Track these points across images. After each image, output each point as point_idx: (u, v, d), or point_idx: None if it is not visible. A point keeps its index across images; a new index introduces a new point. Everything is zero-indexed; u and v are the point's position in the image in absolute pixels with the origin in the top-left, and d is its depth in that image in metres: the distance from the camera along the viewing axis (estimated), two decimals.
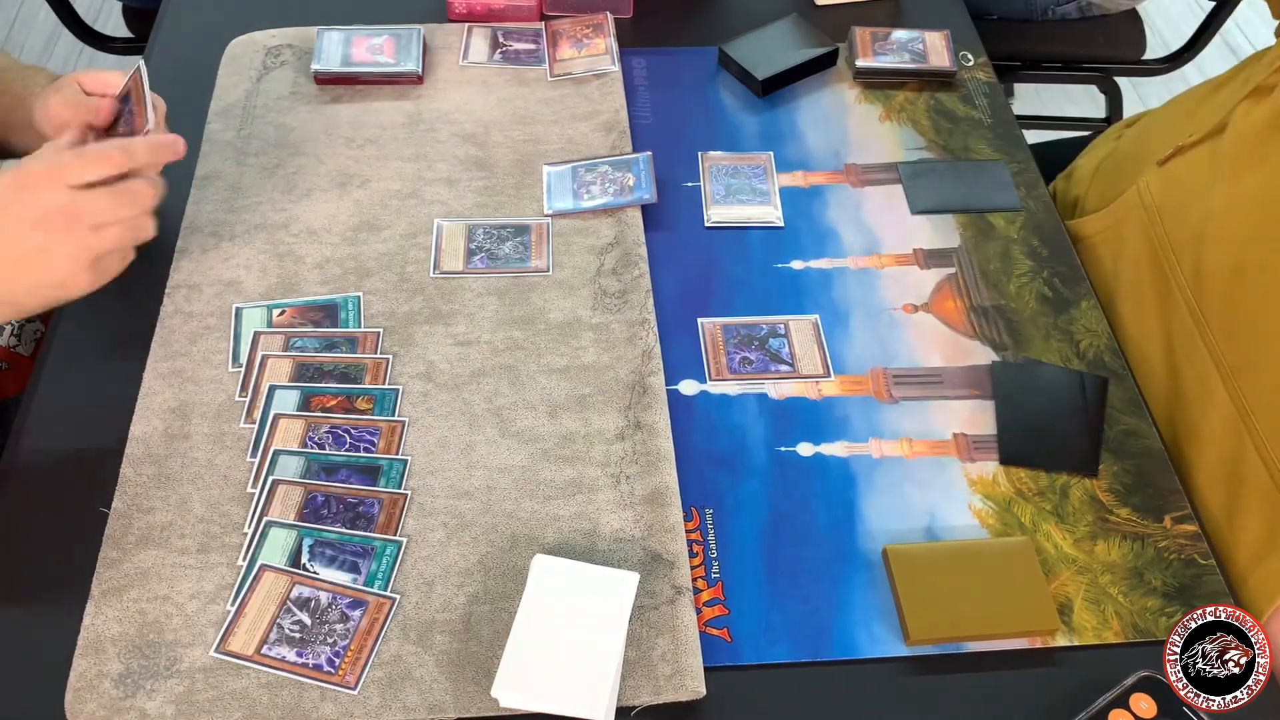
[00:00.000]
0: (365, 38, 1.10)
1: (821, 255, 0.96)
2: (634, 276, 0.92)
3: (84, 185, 0.74)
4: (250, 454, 0.79)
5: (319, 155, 1.01)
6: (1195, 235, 0.88)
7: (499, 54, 1.12)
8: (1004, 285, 0.94)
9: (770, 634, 0.73)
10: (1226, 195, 0.86)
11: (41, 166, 0.74)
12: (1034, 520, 0.79)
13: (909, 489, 0.81)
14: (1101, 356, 0.89)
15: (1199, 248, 0.87)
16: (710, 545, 0.77)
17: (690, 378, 0.87)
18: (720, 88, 1.12)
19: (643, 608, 0.72)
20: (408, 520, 0.76)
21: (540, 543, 0.76)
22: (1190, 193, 0.90)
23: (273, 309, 0.88)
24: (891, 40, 1.13)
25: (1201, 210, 0.88)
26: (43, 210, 0.72)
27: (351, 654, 0.70)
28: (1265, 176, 0.83)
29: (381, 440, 0.80)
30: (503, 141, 1.03)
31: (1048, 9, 1.61)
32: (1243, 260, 0.83)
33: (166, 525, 0.76)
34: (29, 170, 0.73)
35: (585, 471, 0.80)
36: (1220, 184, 0.87)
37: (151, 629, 0.71)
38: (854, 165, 1.04)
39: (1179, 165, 0.94)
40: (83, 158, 0.74)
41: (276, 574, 0.73)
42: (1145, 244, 0.94)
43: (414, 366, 0.85)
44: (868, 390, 0.87)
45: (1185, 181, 0.92)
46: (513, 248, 0.94)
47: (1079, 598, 0.75)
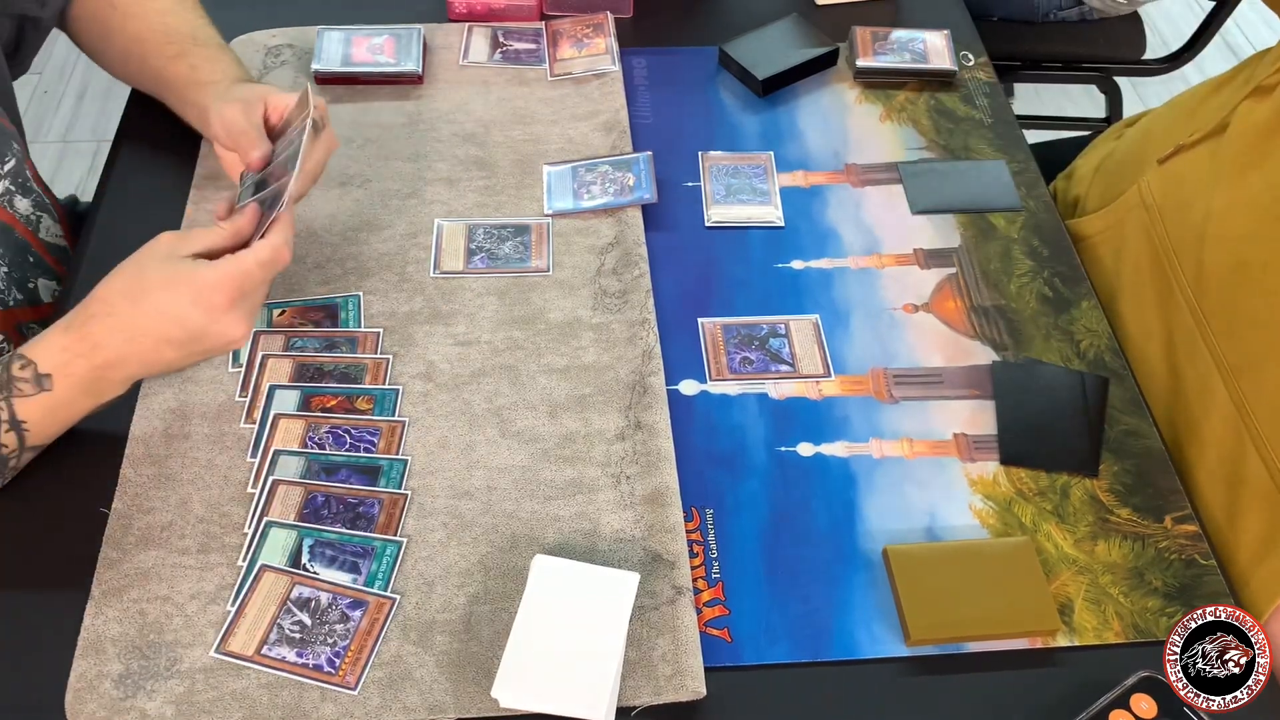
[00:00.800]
0: (365, 37, 1.10)
1: (822, 255, 0.96)
2: (634, 276, 0.92)
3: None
4: (250, 454, 0.79)
5: None
6: (1196, 235, 0.88)
7: (499, 54, 1.12)
8: (1004, 285, 0.94)
9: (770, 634, 0.73)
10: (1227, 194, 0.86)
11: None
12: (1034, 520, 0.79)
13: (909, 489, 0.81)
14: (1102, 356, 0.89)
15: (1200, 247, 0.87)
16: (710, 545, 0.77)
17: (690, 378, 0.87)
18: (720, 88, 1.12)
19: (643, 608, 0.72)
20: (408, 520, 0.76)
21: (540, 543, 0.76)
22: (1191, 192, 0.90)
23: (273, 309, 0.88)
24: (892, 40, 1.13)
25: (1202, 210, 0.88)
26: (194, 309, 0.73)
27: (351, 654, 0.70)
28: (1266, 175, 0.83)
29: (381, 440, 0.80)
30: (503, 141, 1.03)
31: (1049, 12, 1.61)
32: (1244, 258, 0.83)
33: (166, 525, 0.75)
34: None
35: (585, 471, 0.80)
36: (1221, 183, 0.87)
37: (151, 629, 0.71)
38: (854, 165, 1.04)
39: (1180, 164, 0.94)
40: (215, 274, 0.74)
41: (276, 574, 0.73)
42: (1146, 244, 0.94)
43: (414, 366, 0.85)
44: (868, 390, 0.87)
45: (1186, 181, 0.92)
46: (513, 248, 0.94)
47: (1079, 598, 0.75)
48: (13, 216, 0.91)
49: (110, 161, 1.01)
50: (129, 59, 0.97)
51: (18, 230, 0.91)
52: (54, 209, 0.97)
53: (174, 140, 0.98)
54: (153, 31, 0.95)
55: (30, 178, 0.94)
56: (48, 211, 0.95)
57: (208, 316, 0.72)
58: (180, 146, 0.98)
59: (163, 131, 0.98)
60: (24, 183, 0.92)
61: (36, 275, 0.93)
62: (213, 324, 0.73)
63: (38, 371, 0.73)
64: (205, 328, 0.73)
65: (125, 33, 0.96)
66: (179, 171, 0.98)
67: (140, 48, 0.95)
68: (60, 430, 0.77)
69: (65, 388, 0.73)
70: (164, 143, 0.99)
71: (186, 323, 0.72)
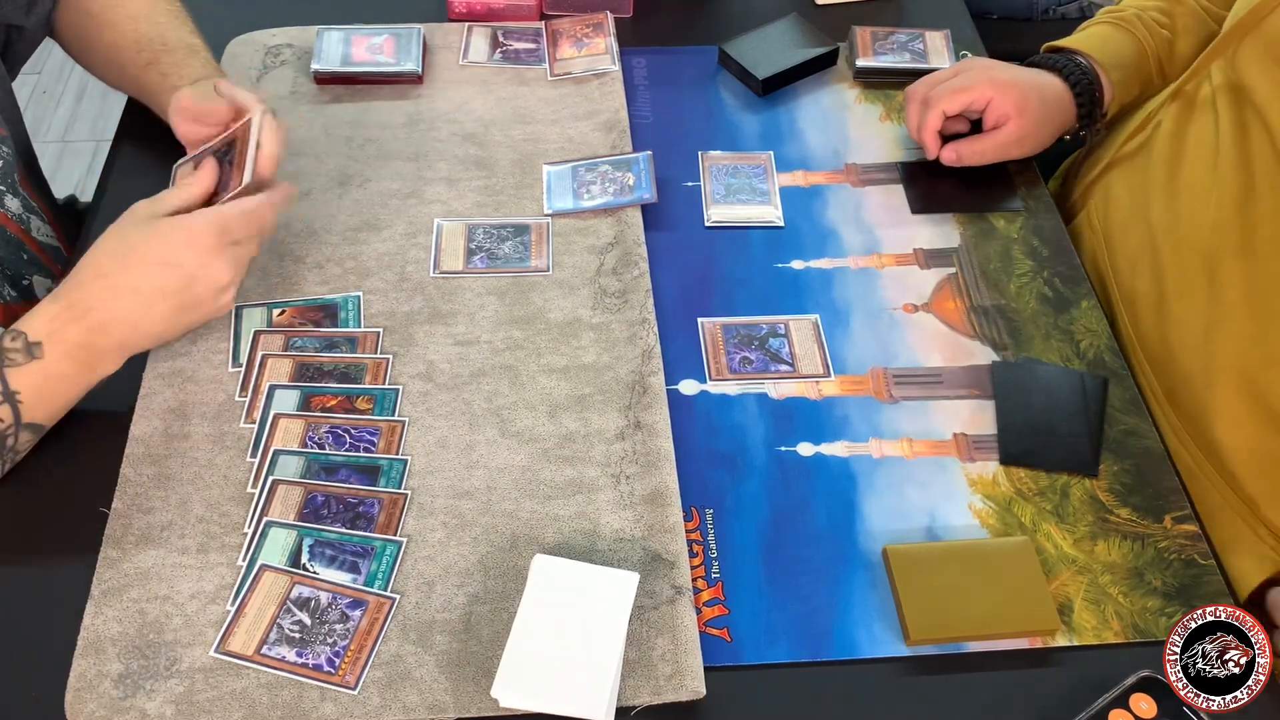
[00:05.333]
0: (365, 37, 1.09)
1: (821, 255, 0.96)
2: (634, 276, 0.92)
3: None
4: (250, 454, 0.79)
5: (319, 155, 1.01)
6: (1147, 249, 0.91)
7: (499, 53, 1.12)
8: (1004, 285, 0.94)
9: (770, 634, 0.73)
10: (1170, 199, 0.89)
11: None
12: (1034, 520, 0.79)
13: (909, 489, 0.81)
14: (1102, 356, 0.89)
15: (1156, 257, 0.90)
16: (710, 545, 0.77)
17: (690, 377, 0.87)
18: (720, 87, 1.12)
19: (643, 608, 0.72)
20: (408, 520, 0.76)
21: (540, 543, 0.76)
22: (1127, 214, 0.94)
23: (273, 309, 0.88)
24: (891, 40, 1.13)
25: (1144, 226, 0.92)
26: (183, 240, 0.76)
27: (351, 654, 0.70)
28: (1192, 167, 0.87)
29: (381, 440, 0.80)
30: (503, 141, 1.03)
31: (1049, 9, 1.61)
32: (1217, 250, 0.84)
33: (166, 525, 0.75)
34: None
35: (585, 471, 0.80)
36: (1157, 191, 0.90)
37: (151, 629, 0.71)
38: (854, 165, 1.04)
39: (1114, 181, 0.97)
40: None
41: (276, 574, 0.73)
42: (1093, 268, 0.98)
43: (414, 366, 0.85)
44: (868, 390, 0.87)
45: (1122, 200, 0.95)
46: (513, 247, 0.94)
47: (1079, 598, 0.75)
48: (5, 215, 0.91)
49: (109, 161, 1.02)
50: (109, 67, 0.98)
51: (10, 228, 0.91)
52: (42, 211, 0.97)
53: (173, 140, 0.97)
54: (126, 39, 0.95)
55: (18, 181, 0.94)
56: (36, 214, 0.96)
57: (199, 259, 0.75)
58: (179, 146, 0.97)
59: (162, 132, 0.98)
60: (13, 184, 0.93)
61: (31, 272, 0.93)
62: (202, 267, 0.75)
63: (28, 340, 0.73)
64: (195, 271, 0.75)
65: (103, 42, 0.96)
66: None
67: (118, 56, 0.96)
68: (57, 408, 0.76)
69: (57, 355, 0.74)
70: (163, 143, 0.99)
71: (179, 268, 0.75)
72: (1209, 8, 1.00)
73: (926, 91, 0.99)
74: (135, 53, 0.94)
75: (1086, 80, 0.98)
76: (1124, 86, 0.99)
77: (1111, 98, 0.99)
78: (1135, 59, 1.00)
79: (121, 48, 0.95)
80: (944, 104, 0.97)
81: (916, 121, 1.00)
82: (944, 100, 0.97)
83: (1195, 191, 0.87)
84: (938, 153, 0.99)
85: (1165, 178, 0.91)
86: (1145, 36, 1.00)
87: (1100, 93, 0.99)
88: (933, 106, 0.98)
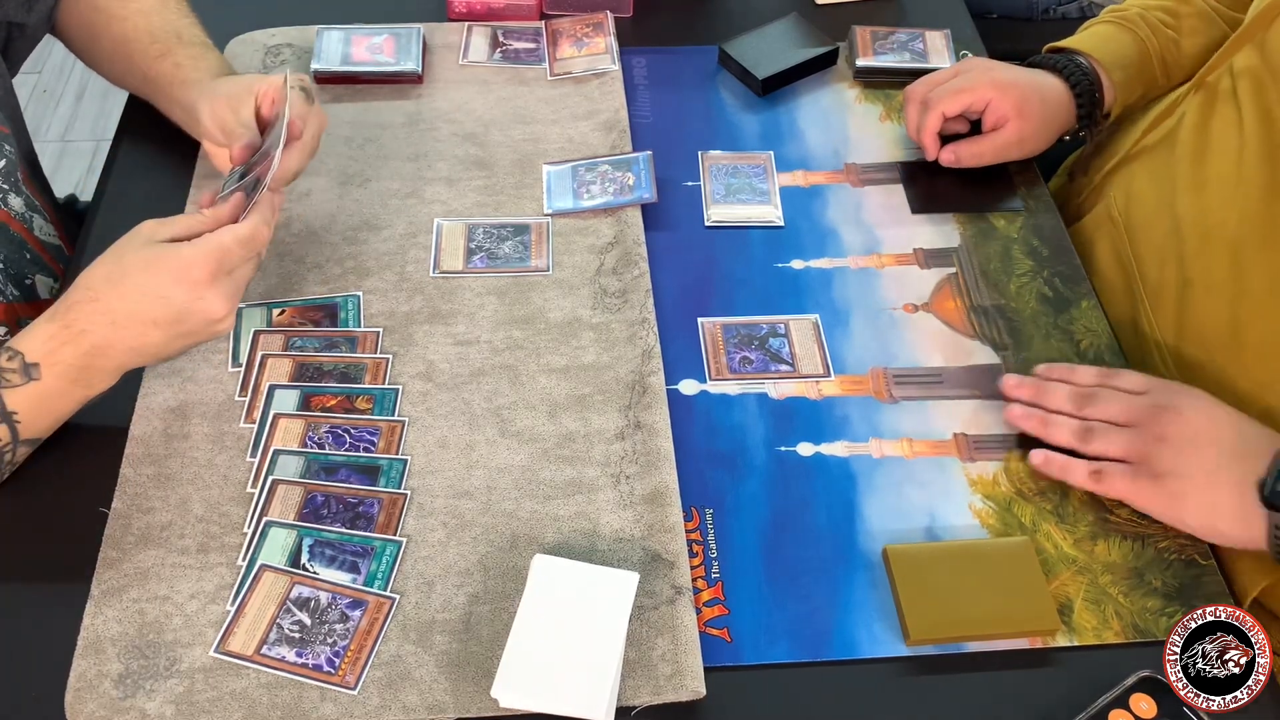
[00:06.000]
0: (365, 37, 1.09)
1: (821, 255, 0.96)
2: (634, 276, 0.92)
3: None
4: (250, 454, 0.79)
5: (319, 155, 1.00)
6: (1173, 239, 0.89)
7: (499, 53, 1.12)
8: (1004, 285, 0.94)
9: (770, 634, 0.73)
10: (1197, 190, 0.88)
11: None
12: (1034, 520, 0.79)
13: (909, 489, 0.81)
14: (1102, 356, 0.89)
15: (1181, 249, 0.89)
16: (710, 545, 0.77)
17: (690, 377, 0.87)
18: (720, 87, 1.12)
19: (643, 608, 0.72)
20: (407, 520, 0.76)
21: (540, 543, 0.76)
22: (1153, 205, 0.93)
23: (273, 309, 0.88)
24: (891, 39, 1.13)
25: (1170, 217, 0.90)
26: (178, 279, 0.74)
27: (351, 654, 0.70)
28: (1220, 158, 0.86)
29: (381, 440, 0.80)
30: (502, 141, 1.03)
31: (1049, 8, 1.61)
32: (1242, 239, 0.84)
33: (166, 525, 0.75)
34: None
35: (585, 471, 0.80)
36: (1182, 182, 0.89)
37: (151, 629, 0.71)
38: (854, 165, 1.04)
39: (1136, 171, 0.96)
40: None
41: (276, 574, 0.73)
42: (1114, 258, 0.96)
43: (414, 366, 0.85)
44: (868, 390, 0.87)
45: (1146, 191, 0.94)
46: (512, 247, 0.94)
47: (1079, 598, 0.75)
48: (8, 214, 0.91)
49: (109, 161, 1.01)
50: (116, 61, 0.98)
51: (13, 227, 0.91)
52: (45, 210, 0.97)
53: (173, 140, 0.97)
54: (138, 32, 0.95)
55: (21, 180, 0.94)
56: (38, 212, 0.96)
57: (190, 293, 0.73)
58: (179, 146, 0.98)
59: (162, 131, 0.98)
60: (16, 183, 0.93)
61: (34, 272, 0.93)
62: (195, 300, 0.74)
63: (25, 361, 0.73)
64: (187, 305, 0.74)
65: (111, 35, 0.96)
66: (178, 171, 0.98)
67: (126, 49, 0.95)
68: (54, 424, 0.77)
69: (54, 376, 0.73)
70: (163, 143, 0.99)
71: (169, 301, 0.73)
72: (1218, 8, 1.00)
73: (926, 92, 0.99)
74: (149, 44, 0.94)
75: (1087, 81, 0.98)
76: (1126, 87, 0.99)
77: (1113, 99, 0.99)
78: (1138, 59, 1.00)
79: (133, 39, 0.95)
80: (943, 105, 0.97)
81: (916, 123, 1.00)
82: (943, 101, 0.97)
83: (1222, 183, 0.87)
84: (937, 154, 0.99)
85: (1191, 169, 0.90)
86: (1148, 36, 0.99)
87: (1101, 94, 0.99)
88: (932, 108, 0.98)
